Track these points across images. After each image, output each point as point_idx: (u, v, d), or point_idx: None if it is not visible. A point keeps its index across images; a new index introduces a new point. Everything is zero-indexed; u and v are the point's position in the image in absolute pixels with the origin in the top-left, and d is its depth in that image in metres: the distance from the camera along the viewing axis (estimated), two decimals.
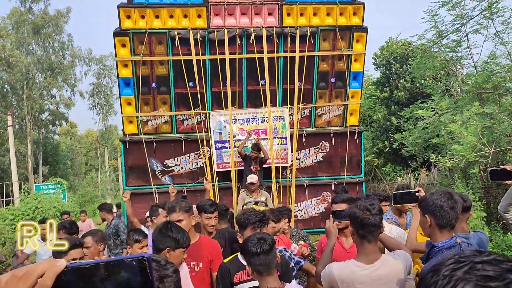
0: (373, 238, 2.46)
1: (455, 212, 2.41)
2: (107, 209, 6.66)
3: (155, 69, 7.18)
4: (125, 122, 7.52)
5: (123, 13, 6.79)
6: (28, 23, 28.88)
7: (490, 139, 8.53)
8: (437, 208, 2.39)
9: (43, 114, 31.81)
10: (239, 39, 7.11)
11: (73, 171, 36.29)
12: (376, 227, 2.44)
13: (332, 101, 7.76)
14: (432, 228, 2.44)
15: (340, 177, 7.73)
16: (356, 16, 7.37)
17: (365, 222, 2.41)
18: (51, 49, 30.55)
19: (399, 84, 16.79)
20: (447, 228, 2.42)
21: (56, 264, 0.80)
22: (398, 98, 16.90)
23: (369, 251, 2.45)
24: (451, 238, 2.41)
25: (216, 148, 7.41)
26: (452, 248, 2.37)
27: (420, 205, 2.55)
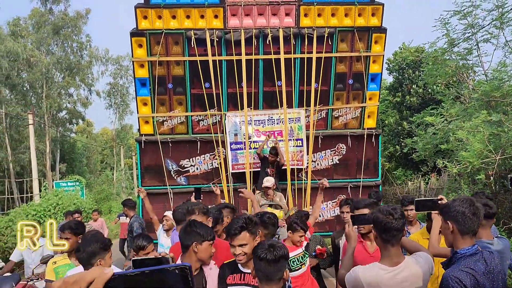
0: (396, 242, 2.54)
1: (477, 218, 2.44)
2: (129, 205, 6.72)
3: (171, 69, 7.19)
4: (141, 122, 7.55)
5: (140, 14, 6.82)
6: (48, 23, 29.40)
7: (496, 146, 8.73)
8: (459, 215, 2.43)
9: (60, 112, 32.38)
10: (256, 40, 7.07)
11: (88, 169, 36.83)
12: (399, 231, 2.51)
13: (349, 103, 7.66)
14: (454, 234, 2.48)
15: (356, 180, 7.64)
16: (374, 17, 7.26)
17: (388, 226, 2.49)
18: (70, 49, 31.08)
19: (411, 89, 17.07)
20: (469, 235, 2.45)
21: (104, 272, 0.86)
22: (410, 103, 17.21)
23: (392, 254, 2.53)
24: (473, 246, 2.44)
25: (231, 149, 7.39)
26: (474, 255, 2.40)
27: (443, 211, 2.58)
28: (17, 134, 28.77)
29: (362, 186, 7.55)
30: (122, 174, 34.06)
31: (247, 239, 2.80)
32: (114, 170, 36.60)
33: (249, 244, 2.79)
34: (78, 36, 31.33)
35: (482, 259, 2.40)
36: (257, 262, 2.37)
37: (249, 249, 2.76)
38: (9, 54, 25.55)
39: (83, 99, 33.09)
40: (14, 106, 27.88)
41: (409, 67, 17.28)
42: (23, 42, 27.82)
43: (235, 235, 2.82)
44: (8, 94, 28.49)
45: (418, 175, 15.38)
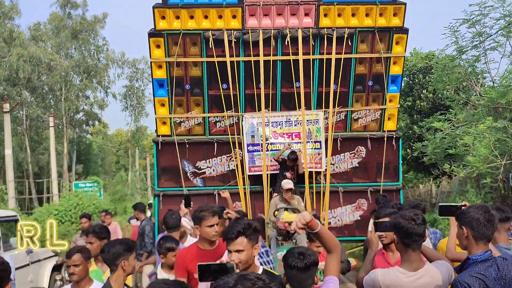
0: (417, 247, 2.63)
1: (492, 225, 2.53)
2: (140, 208, 6.71)
3: (189, 70, 7.16)
4: (158, 123, 7.53)
5: (158, 14, 6.80)
6: (66, 28, 30.05)
7: (502, 152, 9.01)
8: (474, 221, 2.51)
9: (77, 114, 32.95)
10: (274, 41, 6.99)
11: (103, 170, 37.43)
12: (421, 236, 2.61)
13: (369, 105, 7.51)
14: (468, 240, 2.55)
15: (376, 184, 7.47)
16: (396, 17, 7.11)
17: (410, 231, 2.57)
18: (87, 52, 31.68)
19: (421, 94, 17.50)
20: (483, 241, 2.52)
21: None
22: (420, 107, 17.66)
23: (413, 259, 2.60)
24: (486, 252, 2.50)
25: (248, 151, 7.31)
26: (486, 261, 2.47)
27: (459, 217, 2.65)
28: (36, 136, 29.36)
29: (382, 190, 7.38)
30: (137, 175, 34.45)
31: (244, 245, 2.62)
32: (129, 171, 37.08)
33: (246, 251, 2.62)
34: (95, 40, 31.90)
35: (495, 265, 2.45)
36: (289, 271, 2.37)
37: (246, 256, 2.61)
38: (32, 59, 26.23)
39: (100, 101, 33.64)
40: (35, 109, 28.47)
41: (420, 72, 17.57)
42: (43, 47, 28.42)
43: (231, 239, 2.66)
44: (28, 97, 29.09)
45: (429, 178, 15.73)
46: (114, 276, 3.08)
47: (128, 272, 3.16)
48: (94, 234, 4.09)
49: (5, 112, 18.64)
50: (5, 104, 18.93)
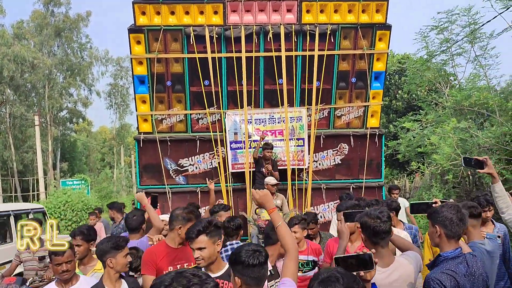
0: (385, 243, 2.72)
1: (464, 224, 2.63)
2: (117, 208, 6.54)
3: (170, 66, 7.04)
4: (139, 120, 7.40)
5: (138, 9, 6.67)
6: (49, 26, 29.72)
7: (464, 150, 9.92)
8: (448, 220, 2.60)
9: (61, 112, 32.60)
10: (256, 37, 6.91)
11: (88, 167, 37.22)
12: (387, 233, 2.69)
13: (352, 102, 7.48)
14: (441, 238, 2.64)
15: (359, 181, 7.45)
16: (379, 13, 7.08)
17: (377, 229, 2.65)
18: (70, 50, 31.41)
19: (397, 94, 18.56)
20: (455, 239, 2.62)
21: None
22: (396, 107, 18.79)
23: (383, 255, 2.67)
24: (456, 249, 2.60)
25: (231, 148, 7.23)
26: (456, 258, 2.57)
27: (431, 216, 2.71)
28: (20, 134, 28.95)
29: (364, 187, 7.37)
30: (122, 173, 34.29)
31: (205, 243, 2.78)
32: (114, 168, 36.88)
33: (208, 248, 2.78)
34: (78, 37, 31.66)
35: (464, 261, 2.55)
36: (247, 269, 2.28)
37: (208, 253, 2.78)
38: (17, 58, 25.97)
39: (84, 99, 33.36)
40: (18, 107, 28.08)
41: (396, 74, 18.71)
42: (26, 45, 28.10)
43: (192, 238, 2.81)
44: (11, 95, 28.66)
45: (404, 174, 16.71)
46: (105, 273, 3.16)
47: (117, 270, 3.16)
48: (82, 236, 3.95)
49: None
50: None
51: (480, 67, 11.37)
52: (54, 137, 30.51)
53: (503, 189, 3.47)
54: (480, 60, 11.31)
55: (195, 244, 2.80)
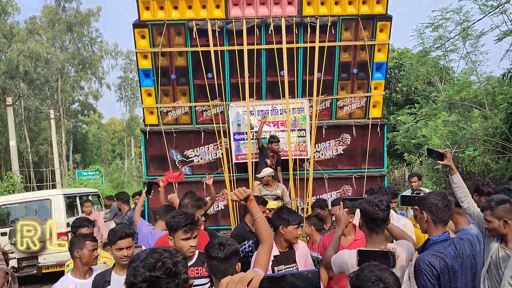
0: (381, 231, 2.80)
1: (449, 210, 2.76)
2: (123, 199, 6.68)
3: (174, 60, 7.17)
4: (146, 113, 7.56)
5: (142, 5, 6.79)
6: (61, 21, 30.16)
7: (453, 142, 10.81)
8: (434, 206, 2.73)
9: (73, 105, 33.13)
10: (258, 30, 6.98)
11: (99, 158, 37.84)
12: (384, 221, 2.78)
13: (354, 93, 7.53)
14: (428, 223, 2.77)
15: (361, 171, 7.53)
16: (379, 4, 7.08)
17: (374, 216, 2.73)
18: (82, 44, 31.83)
19: (397, 87, 19.35)
20: (441, 224, 2.74)
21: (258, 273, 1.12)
22: (396, 99, 19.62)
23: (377, 242, 2.75)
24: (444, 233, 2.73)
25: (234, 139, 7.35)
26: (445, 241, 2.69)
27: (419, 203, 2.86)
28: (35, 127, 29.54)
29: (366, 177, 7.45)
30: (133, 164, 34.78)
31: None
32: (125, 159, 37.44)
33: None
34: (89, 32, 32.08)
35: (452, 244, 2.68)
36: (210, 261, 2.41)
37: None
38: (32, 54, 26.53)
39: (94, 91, 33.82)
40: (33, 100, 28.62)
41: (396, 67, 19.40)
42: (39, 40, 28.63)
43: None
44: (26, 89, 29.26)
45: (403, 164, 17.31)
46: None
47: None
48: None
49: (8, 105, 19.19)
50: (8, 97, 19.44)
51: (471, 63, 12.12)
52: (67, 130, 31.11)
53: (460, 179, 3.55)
54: (471, 56, 12.14)
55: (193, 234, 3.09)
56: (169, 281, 1.40)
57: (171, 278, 1.41)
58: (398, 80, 18.77)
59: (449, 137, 10.81)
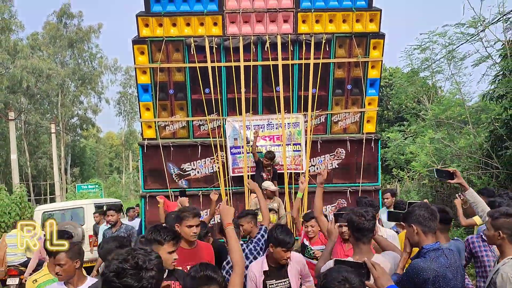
0: (367, 240, 2.87)
1: (435, 218, 2.81)
2: (116, 210, 6.58)
3: (172, 75, 7.26)
4: (144, 127, 7.64)
5: (141, 22, 6.91)
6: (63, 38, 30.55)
7: (439, 158, 11.42)
8: (421, 217, 2.78)
9: (72, 119, 33.30)
10: (254, 46, 7.10)
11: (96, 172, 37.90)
12: (370, 231, 2.85)
13: (348, 108, 7.62)
14: (419, 235, 2.79)
15: (355, 185, 7.57)
16: (372, 22, 7.21)
17: (360, 226, 2.82)
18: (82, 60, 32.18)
19: (388, 105, 20.06)
20: (431, 233, 2.79)
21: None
22: (388, 117, 20.37)
23: (363, 251, 2.83)
24: (435, 242, 2.77)
25: (231, 153, 7.41)
26: (437, 250, 2.73)
27: (405, 218, 2.88)
28: (35, 140, 29.62)
29: (361, 191, 7.49)
30: (130, 177, 34.81)
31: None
32: (123, 173, 37.47)
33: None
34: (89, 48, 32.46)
35: (444, 254, 2.71)
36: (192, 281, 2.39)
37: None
38: (35, 70, 26.88)
39: (93, 106, 34.03)
40: (34, 115, 28.76)
41: (387, 86, 20.14)
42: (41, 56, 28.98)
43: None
44: (26, 104, 29.45)
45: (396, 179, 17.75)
46: None
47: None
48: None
49: (11, 120, 19.45)
50: (10, 112, 19.70)
51: (456, 84, 12.94)
52: (65, 144, 31.22)
53: (474, 194, 3.57)
54: (456, 77, 13.01)
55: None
56: (135, 273, 1.50)
57: (137, 271, 1.51)
58: (390, 98, 19.50)
59: (435, 154, 11.44)
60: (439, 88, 15.78)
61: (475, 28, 10.82)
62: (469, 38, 11.12)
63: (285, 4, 7.04)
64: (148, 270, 1.55)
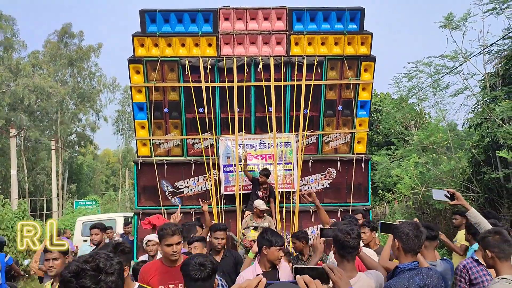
0: (351, 258, 2.85)
1: (419, 240, 2.81)
2: (100, 228, 6.28)
3: (167, 95, 7.33)
4: (139, 145, 7.66)
5: (137, 42, 7.01)
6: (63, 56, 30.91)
7: (422, 181, 12.04)
8: (404, 235, 2.81)
9: (70, 136, 33.39)
10: (248, 68, 7.19)
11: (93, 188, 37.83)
12: (354, 249, 2.84)
13: (339, 129, 7.67)
14: (399, 251, 2.86)
15: (346, 204, 7.56)
16: (364, 45, 7.33)
17: (345, 244, 2.80)
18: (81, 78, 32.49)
19: (378, 129, 20.77)
20: (411, 253, 2.81)
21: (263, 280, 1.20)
22: (377, 140, 21.08)
23: (348, 269, 2.80)
24: (412, 262, 2.80)
25: (224, 171, 7.42)
26: (412, 270, 2.75)
27: (393, 231, 2.98)
28: (33, 157, 29.60)
29: (352, 210, 7.47)
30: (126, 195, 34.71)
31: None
32: (119, 191, 37.38)
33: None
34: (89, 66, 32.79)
35: (420, 273, 2.73)
36: (192, 283, 2.41)
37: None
38: (36, 89, 27.16)
39: (92, 124, 34.12)
40: (34, 131, 28.82)
41: (377, 111, 21.00)
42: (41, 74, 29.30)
43: None
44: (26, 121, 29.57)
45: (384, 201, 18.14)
46: None
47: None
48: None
49: (12, 136, 19.64)
50: (11, 129, 19.90)
51: (440, 111, 13.69)
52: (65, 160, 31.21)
53: (475, 214, 3.49)
54: (440, 106, 13.75)
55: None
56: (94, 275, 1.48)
57: (96, 273, 1.49)
58: (380, 123, 20.20)
59: (419, 177, 11.99)
60: (428, 113, 16.57)
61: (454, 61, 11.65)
62: (450, 70, 11.93)
63: (278, 26, 7.16)
64: (109, 274, 1.52)
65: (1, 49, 28.51)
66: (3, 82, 26.88)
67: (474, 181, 11.14)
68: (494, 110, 9.74)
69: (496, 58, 11.26)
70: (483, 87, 11.47)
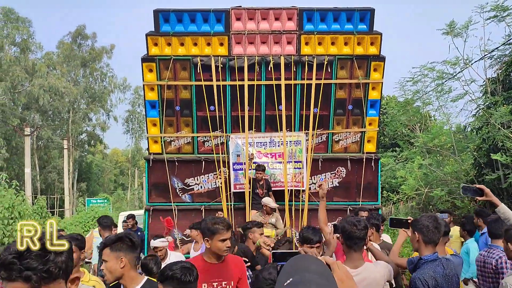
0: (358, 248, 2.94)
1: (439, 232, 2.92)
2: (103, 224, 6.29)
3: (179, 93, 7.40)
4: (150, 142, 7.74)
5: (151, 41, 7.10)
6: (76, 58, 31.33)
7: (426, 183, 12.49)
8: (424, 227, 2.90)
9: (81, 135, 33.78)
10: (258, 67, 7.23)
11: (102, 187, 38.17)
12: (361, 239, 2.92)
13: (349, 128, 7.68)
14: (419, 243, 2.94)
15: (356, 203, 7.56)
16: (373, 45, 7.33)
17: (352, 235, 2.89)
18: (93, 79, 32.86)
19: (384, 131, 20.99)
20: (431, 244, 2.91)
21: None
22: (384, 142, 21.51)
23: (354, 258, 2.92)
24: (434, 253, 2.89)
25: (234, 169, 7.47)
26: (434, 261, 2.85)
27: (412, 224, 3.06)
28: (45, 155, 29.99)
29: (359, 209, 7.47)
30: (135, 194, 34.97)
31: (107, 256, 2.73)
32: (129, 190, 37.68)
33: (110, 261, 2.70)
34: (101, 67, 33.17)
35: (441, 264, 2.84)
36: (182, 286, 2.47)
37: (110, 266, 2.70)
38: (51, 89, 27.57)
39: (102, 123, 34.45)
40: (46, 131, 29.19)
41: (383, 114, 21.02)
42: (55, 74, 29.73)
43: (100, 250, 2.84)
44: (39, 120, 29.99)
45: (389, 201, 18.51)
46: None
47: None
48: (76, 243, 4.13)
49: (26, 135, 19.97)
50: (26, 128, 20.25)
51: (444, 115, 13.91)
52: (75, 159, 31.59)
53: (505, 210, 3.40)
54: (444, 110, 14.00)
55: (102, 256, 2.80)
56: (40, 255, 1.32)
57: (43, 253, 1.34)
58: (386, 125, 20.53)
59: (423, 179, 12.37)
60: (433, 116, 16.84)
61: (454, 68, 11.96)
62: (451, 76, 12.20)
63: (289, 26, 7.20)
64: (58, 254, 1.37)
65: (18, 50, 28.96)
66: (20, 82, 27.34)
67: (476, 183, 11.26)
68: (492, 114, 9.98)
69: (498, 63, 11.46)
70: (484, 92, 11.72)
